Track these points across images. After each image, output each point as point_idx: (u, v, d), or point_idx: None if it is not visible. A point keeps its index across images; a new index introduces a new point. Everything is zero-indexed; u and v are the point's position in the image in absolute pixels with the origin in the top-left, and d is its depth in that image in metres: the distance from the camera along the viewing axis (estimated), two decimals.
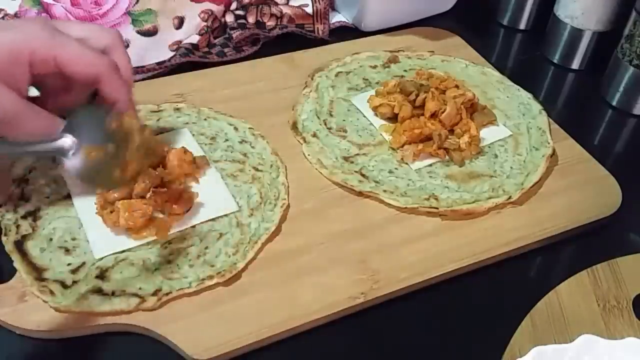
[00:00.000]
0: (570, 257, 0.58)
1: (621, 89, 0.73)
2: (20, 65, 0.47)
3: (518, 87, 0.73)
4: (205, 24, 0.78)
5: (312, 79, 0.72)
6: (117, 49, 0.53)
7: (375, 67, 0.75)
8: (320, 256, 0.53)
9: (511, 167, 0.62)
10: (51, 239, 0.52)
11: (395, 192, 0.59)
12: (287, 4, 0.84)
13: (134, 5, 0.75)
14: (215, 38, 0.79)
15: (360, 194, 0.59)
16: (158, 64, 0.73)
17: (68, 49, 0.48)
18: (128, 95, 0.52)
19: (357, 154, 0.63)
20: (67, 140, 0.45)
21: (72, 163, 0.45)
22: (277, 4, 0.83)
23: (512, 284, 0.55)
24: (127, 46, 0.73)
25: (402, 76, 0.73)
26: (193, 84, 0.70)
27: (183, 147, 0.58)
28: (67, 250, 0.52)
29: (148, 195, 0.53)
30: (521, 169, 0.62)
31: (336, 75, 0.73)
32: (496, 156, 0.63)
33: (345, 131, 0.65)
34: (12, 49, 0.47)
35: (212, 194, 0.57)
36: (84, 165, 0.45)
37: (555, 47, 0.80)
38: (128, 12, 0.75)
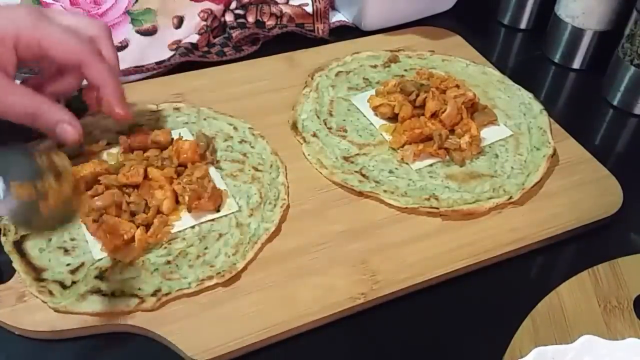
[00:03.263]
0: (571, 257, 0.58)
1: (622, 88, 0.73)
2: (6, 49, 0.50)
3: (519, 86, 0.72)
4: (204, 23, 0.77)
5: (312, 78, 0.72)
6: (103, 40, 0.55)
7: (375, 66, 0.74)
8: (320, 257, 0.53)
9: (512, 167, 0.62)
10: (50, 239, 0.52)
11: (395, 192, 0.58)
12: (287, 3, 0.84)
13: (133, 4, 0.75)
14: (214, 37, 0.79)
15: (360, 194, 0.59)
16: (157, 63, 0.73)
17: (51, 34, 0.51)
18: (114, 80, 0.53)
19: (357, 154, 0.63)
20: None
21: (4, 204, 0.43)
22: (277, 3, 0.83)
23: (513, 284, 0.54)
24: (127, 46, 0.73)
25: (403, 76, 0.73)
26: (192, 84, 0.70)
27: (195, 140, 0.59)
28: (66, 251, 0.52)
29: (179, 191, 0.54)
30: (522, 169, 0.62)
31: (336, 75, 0.72)
32: (497, 156, 0.63)
33: (346, 131, 0.65)
34: None
35: None
36: (15, 206, 0.43)
37: (556, 46, 0.80)
38: (127, 12, 0.75)
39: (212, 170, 0.59)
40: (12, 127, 0.52)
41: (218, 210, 0.55)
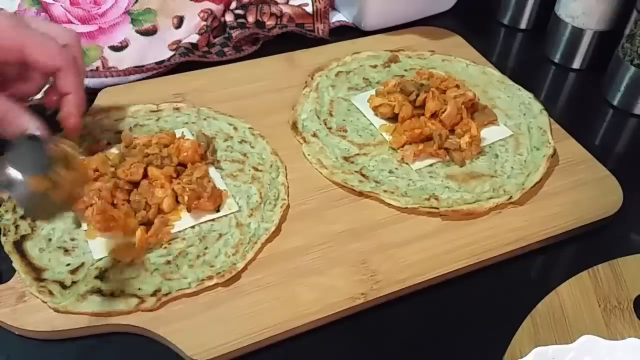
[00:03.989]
0: (571, 257, 0.58)
1: (622, 88, 0.73)
2: None
3: (519, 86, 0.72)
4: (204, 23, 0.77)
5: (312, 78, 0.72)
6: (75, 50, 0.56)
7: (375, 66, 0.74)
8: (320, 257, 0.53)
9: (512, 167, 0.62)
10: (50, 239, 0.52)
11: (395, 192, 0.58)
12: (287, 3, 0.83)
13: (133, 4, 0.75)
14: (214, 37, 0.79)
15: (360, 194, 0.59)
16: (157, 63, 0.73)
17: (34, 39, 0.51)
18: (81, 92, 0.55)
19: (357, 154, 0.63)
20: (14, 172, 0.44)
21: (18, 195, 0.44)
22: (277, 3, 0.83)
23: (513, 284, 0.54)
24: (127, 46, 0.73)
25: (403, 76, 0.73)
26: (192, 84, 0.70)
27: (196, 140, 0.59)
28: (66, 251, 0.52)
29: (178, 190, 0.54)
30: (522, 169, 0.62)
31: (336, 75, 0.72)
32: (497, 156, 0.63)
33: (346, 131, 0.65)
34: None
35: None
36: (28, 197, 0.44)
37: (556, 46, 0.80)
38: (127, 12, 0.75)
39: (212, 170, 0.59)
40: None
41: (218, 210, 0.55)
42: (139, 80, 0.72)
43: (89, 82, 0.69)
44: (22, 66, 0.52)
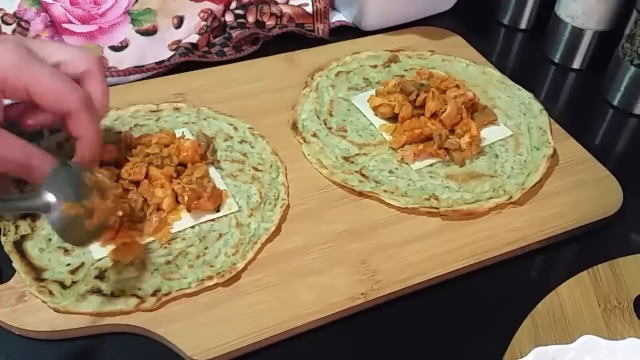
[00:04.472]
0: (571, 257, 0.58)
1: (622, 88, 0.73)
2: None
3: (519, 86, 0.72)
4: (204, 23, 0.77)
5: (312, 78, 0.72)
6: (95, 76, 0.52)
7: (375, 66, 0.74)
8: (320, 257, 0.53)
9: (512, 167, 0.62)
10: (50, 239, 0.52)
11: (395, 192, 0.58)
12: (287, 3, 0.83)
13: (133, 4, 0.75)
14: (214, 37, 0.79)
15: (360, 194, 0.59)
16: (157, 63, 0.73)
17: (40, 80, 0.48)
18: (94, 134, 0.51)
19: (357, 154, 0.63)
20: (51, 197, 0.45)
21: (52, 218, 0.45)
22: (277, 3, 0.83)
23: (513, 285, 0.54)
24: (127, 46, 0.73)
25: (403, 76, 0.73)
26: (192, 84, 0.70)
27: (196, 140, 0.59)
28: (66, 251, 0.52)
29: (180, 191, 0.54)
30: (522, 169, 0.62)
31: (336, 75, 0.72)
32: (497, 156, 0.63)
33: (346, 131, 0.65)
34: None
35: None
36: (63, 221, 0.45)
37: (556, 46, 0.80)
38: (127, 12, 0.75)
39: (212, 170, 0.59)
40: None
41: (218, 210, 0.55)
42: (139, 80, 0.72)
43: None
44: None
